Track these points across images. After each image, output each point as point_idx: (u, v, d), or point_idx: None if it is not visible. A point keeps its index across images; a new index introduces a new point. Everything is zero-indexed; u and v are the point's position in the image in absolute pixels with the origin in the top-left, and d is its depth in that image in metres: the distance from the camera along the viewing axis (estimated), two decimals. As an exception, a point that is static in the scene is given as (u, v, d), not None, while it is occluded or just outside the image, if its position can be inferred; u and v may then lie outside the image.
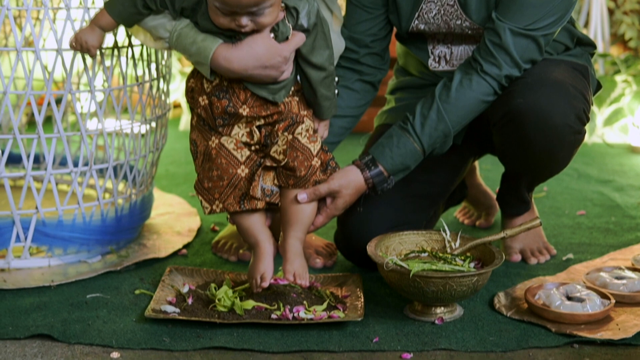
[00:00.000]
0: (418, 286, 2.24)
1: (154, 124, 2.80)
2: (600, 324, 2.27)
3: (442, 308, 2.32)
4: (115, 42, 2.59)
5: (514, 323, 2.30)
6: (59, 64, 2.54)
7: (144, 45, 2.63)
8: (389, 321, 2.31)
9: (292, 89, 2.32)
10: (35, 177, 2.65)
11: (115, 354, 2.13)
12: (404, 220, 2.57)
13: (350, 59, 2.63)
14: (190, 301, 2.35)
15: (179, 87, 4.49)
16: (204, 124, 2.33)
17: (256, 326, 2.26)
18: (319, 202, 2.39)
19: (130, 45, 2.65)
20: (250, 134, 2.31)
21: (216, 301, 2.31)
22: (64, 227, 2.59)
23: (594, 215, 3.20)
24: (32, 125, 3.79)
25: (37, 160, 3.27)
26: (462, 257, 2.40)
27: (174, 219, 3.07)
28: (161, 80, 2.79)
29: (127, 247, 2.78)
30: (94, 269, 2.60)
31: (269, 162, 2.31)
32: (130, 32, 2.48)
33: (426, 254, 2.43)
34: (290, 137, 2.30)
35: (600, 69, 4.56)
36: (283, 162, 2.29)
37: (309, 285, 2.35)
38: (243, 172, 2.30)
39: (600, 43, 4.69)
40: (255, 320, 2.26)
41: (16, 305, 2.38)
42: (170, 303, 2.35)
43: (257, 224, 2.35)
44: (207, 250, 2.82)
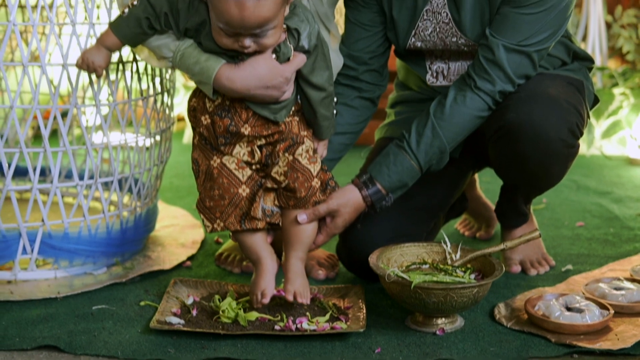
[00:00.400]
0: (419, 297, 2.24)
1: (158, 137, 2.80)
2: (600, 334, 2.27)
3: (443, 319, 2.32)
4: (120, 57, 2.60)
5: (514, 334, 2.30)
6: (64, 79, 2.55)
7: (148, 62, 2.64)
8: (391, 332, 2.31)
9: (293, 109, 2.33)
10: (42, 190, 2.65)
11: (120, 365, 2.14)
12: (404, 232, 2.57)
13: (349, 76, 2.63)
14: (194, 312, 2.35)
15: (183, 100, 4.50)
16: (205, 143, 2.34)
17: (260, 337, 2.26)
18: (319, 220, 2.40)
19: (135, 60, 2.66)
20: (252, 154, 2.32)
21: (220, 312, 2.31)
22: (69, 239, 2.60)
23: (593, 227, 3.20)
24: (38, 138, 3.79)
25: (43, 173, 3.28)
26: (463, 269, 2.40)
27: (178, 231, 3.07)
28: (165, 94, 2.80)
29: (132, 259, 2.78)
30: (99, 281, 2.61)
31: (270, 184, 2.31)
32: (134, 50, 2.48)
33: (427, 265, 2.43)
34: (290, 157, 2.30)
35: (598, 81, 4.56)
36: (284, 184, 2.30)
37: (310, 301, 2.35)
38: (244, 191, 2.31)
39: (598, 56, 4.69)
40: (259, 331, 2.26)
41: (23, 316, 2.38)
42: (175, 314, 2.35)
43: (259, 242, 2.36)
44: (211, 262, 2.82)
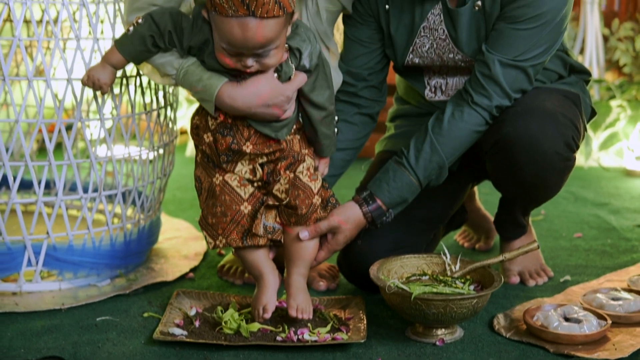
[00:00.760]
0: (419, 308, 2.24)
1: (161, 150, 2.80)
2: (597, 344, 2.27)
3: (443, 330, 2.32)
4: (124, 71, 2.60)
5: (513, 344, 2.30)
6: (69, 93, 2.56)
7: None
8: (391, 343, 2.31)
9: (294, 127, 2.33)
10: (46, 202, 2.65)
11: (124, 376, 2.14)
12: (404, 244, 2.57)
13: (348, 92, 2.64)
14: (197, 324, 2.35)
15: (186, 114, 4.50)
16: (208, 161, 2.34)
17: (262, 348, 2.26)
18: (320, 237, 2.40)
19: (139, 74, 2.66)
20: (253, 171, 2.33)
21: (223, 324, 2.31)
22: (74, 251, 2.60)
23: (591, 238, 3.20)
24: (42, 151, 3.79)
25: (48, 186, 3.28)
26: (462, 280, 2.40)
27: (181, 243, 3.08)
28: (168, 108, 2.81)
29: (136, 270, 2.78)
30: (103, 293, 2.61)
31: (272, 201, 2.32)
32: (138, 67, 2.49)
33: (427, 277, 2.44)
34: (291, 175, 2.31)
35: (596, 94, 4.57)
36: (285, 201, 2.30)
37: (312, 316, 2.35)
38: (246, 208, 2.31)
39: (595, 69, 4.70)
40: (261, 342, 2.26)
41: (28, 327, 2.38)
42: (177, 326, 2.35)
43: (261, 258, 2.36)
44: (214, 273, 2.82)
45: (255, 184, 2.34)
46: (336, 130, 2.43)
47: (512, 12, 2.41)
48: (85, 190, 2.63)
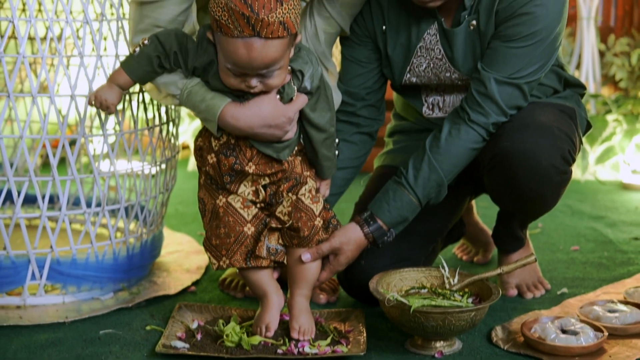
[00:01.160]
0: (418, 321, 2.24)
1: (163, 165, 2.81)
2: (594, 356, 2.27)
3: (442, 342, 2.32)
4: (127, 88, 2.61)
5: (511, 356, 2.30)
6: (72, 109, 2.56)
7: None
8: (391, 355, 2.31)
9: (296, 148, 2.34)
10: (50, 217, 2.66)
11: (127, 389, 2.14)
12: (402, 257, 2.57)
13: (347, 112, 2.64)
14: (199, 337, 2.36)
15: (188, 129, 4.51)
16: (211, 183, 2.35)
17: (263, 360, 2.27)
18: (322, 258, 2.40)
19: (141, 90, 2.67)
20: (256, 193, 2.33)
21: (224, 337, 2.31)
22: (77, 265, 2.60)
23: (588, 251, 3.20)
24: (46, 167, 3.80)
25: (52, 200, 3.28)
26: (461, 293, 2.40)
27: (183, 257, 3.08)
28: (170, 124, 2.81)
29: (138, 284, 2.78)
30: (106, 306, 2.61)
31: (274, 223, 2.32)
32: (142, 87, 2.49)
33: (426, 290, 2.44)
34: (294, 197, 2.31)
35: (592, 108, 4.57)
36: (288, 224, 2.31)
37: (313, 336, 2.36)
38: (249, 230, 2.32)
39: (591, 84, 4.70)
40: (262, 355, 2.26)
41: (32, 341, 2.38)
42: (180, 339, 2.35)
43: (265, 278, 2.36)
44: (215, 287, 2.82)
45: (258, 205, 2.34)
46: (337, 152, 2.43)
47: (506, 30, 2.41)
48: (89, 205, 2.63)
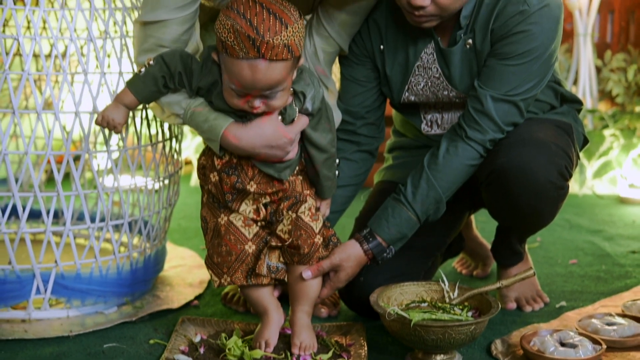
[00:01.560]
0: (419, 335, 2.24)
1: (166, 181, 2.81)
2: (593, 369, 2.27)
3: (442, 355, 2.32)
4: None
5: (510, 369, 2.30)
6: (77, 125, 2.57)
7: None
8: (392, 368, 2.32)
9: (297, 168, 2.34)
10: (55, 232, 2.65)
11: (131, 402, 2.14)
12: (402, 272, 2.57)
13: (347, 130, 2.65)
14: (202, 350, 2.35)
15: (190, 144, 4.51)
16: (213, 201, 2.35)
17: (265, 374, 2.26)
18: (323, 275, 2.40)
19: (145, 107, 2.67)
20: (257, 211, 2.33)
21: (226, 350, 2.31)
22: (81, 279, 2.60)
23: (586, 264, 3.20)
24: (51, 182, 3.80)
25: (56, 215, 3.28)
26: (461, 307, 2.40)
27: (186, 271, 3.08)
28: (173, 140, 2.81)
29: (142, 298, 2.78)
30: (110, 320, 2.61)
31: (275, 242, 2.32)
32: (147, 106, 2.50)
33: (426, 303, 2.44)
34: (294, 215, 2.31)
35: (589, 123, 4.58)
36: (288, 242, 2.31)
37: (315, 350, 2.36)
38: (250, 248, 2.32)
39: (588, 99, 4.71)
40: (264, 368, 2.26)
41: (37, 354, 2.38)
42: (183, 352, 2.35)
43: (266, 296, 2.36)
44: (218, 301, 2.82)
45: (259, 224, 2.34)
46: (337, 172, 2.44)
47: (502, 48, 2.42)
48: (93, 220, 2.63)
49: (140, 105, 2.62)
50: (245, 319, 2.63)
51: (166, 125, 2.77)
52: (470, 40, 2.47)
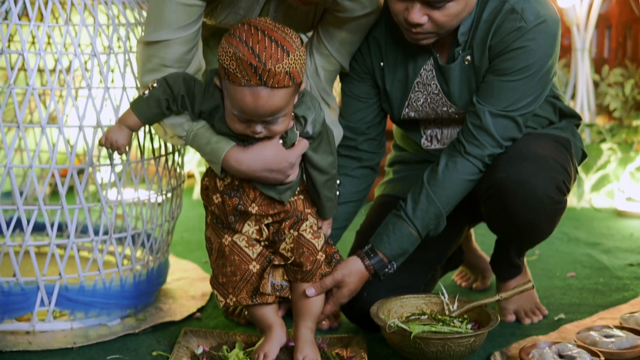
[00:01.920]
0: (419, 347, 2.24)
1: (169, 194, 2.81)
2: (591, 381, 2.27)
3: (442, 367, 2.32)
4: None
5: (509, 381, 2.30)
6: (80, 139, 2.57)
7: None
8: (392, 380, 2.31)
9: (298, 188, 2.35)
10: (59, 244, 2.65)
11: (133, 413, 2.13)
12: (402, 284, 2.57)
13: (348, 146, 2.65)
14: (204, 362, 2.36)
15: (193, 158, 4.52)
16: (217, 222, 2.35)
17: (266, 386, 2.26)
18: (326, 291, 2.40)
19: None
20: (260, 232, 2.33)
21: (228, 362, 2.31)
22: (85, 292, 2.60)
23: (584, 277, 3.20)
24: (55, 195, 3.80)
25: (60, 228, 3.27)
26: (460, 319, 2.40)
27: (189, 283, 3.08)
28: (176, 154, 2.82)
29: (145, 310, 2.78)
30: (113, 332, 2.61)
31: (278, 260, 2.32)
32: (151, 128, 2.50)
33: (426, 316, 2.44)
34: (295, 234, 2.31)
35: (587, 137, 4.58)
36: (291, 260, 2.31)
37: None
38: (254, 267, 2.32)
39: (586, 113, 4.72)
40: (266, 380, 2.26)
41: (40, 366, 2.38)
42: (185, 364, 2.36)
43: (270, 314, 2.36)
44: (220, 313, 2.81)
45: (262, 243, 2.35)
46: (338, 193, 2.44)
47: (500, 64, 2.42)
48: (96, 233, 2.63)
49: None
50: (247, 331, 2.62)
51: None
52: (468, 57, 2.47)
